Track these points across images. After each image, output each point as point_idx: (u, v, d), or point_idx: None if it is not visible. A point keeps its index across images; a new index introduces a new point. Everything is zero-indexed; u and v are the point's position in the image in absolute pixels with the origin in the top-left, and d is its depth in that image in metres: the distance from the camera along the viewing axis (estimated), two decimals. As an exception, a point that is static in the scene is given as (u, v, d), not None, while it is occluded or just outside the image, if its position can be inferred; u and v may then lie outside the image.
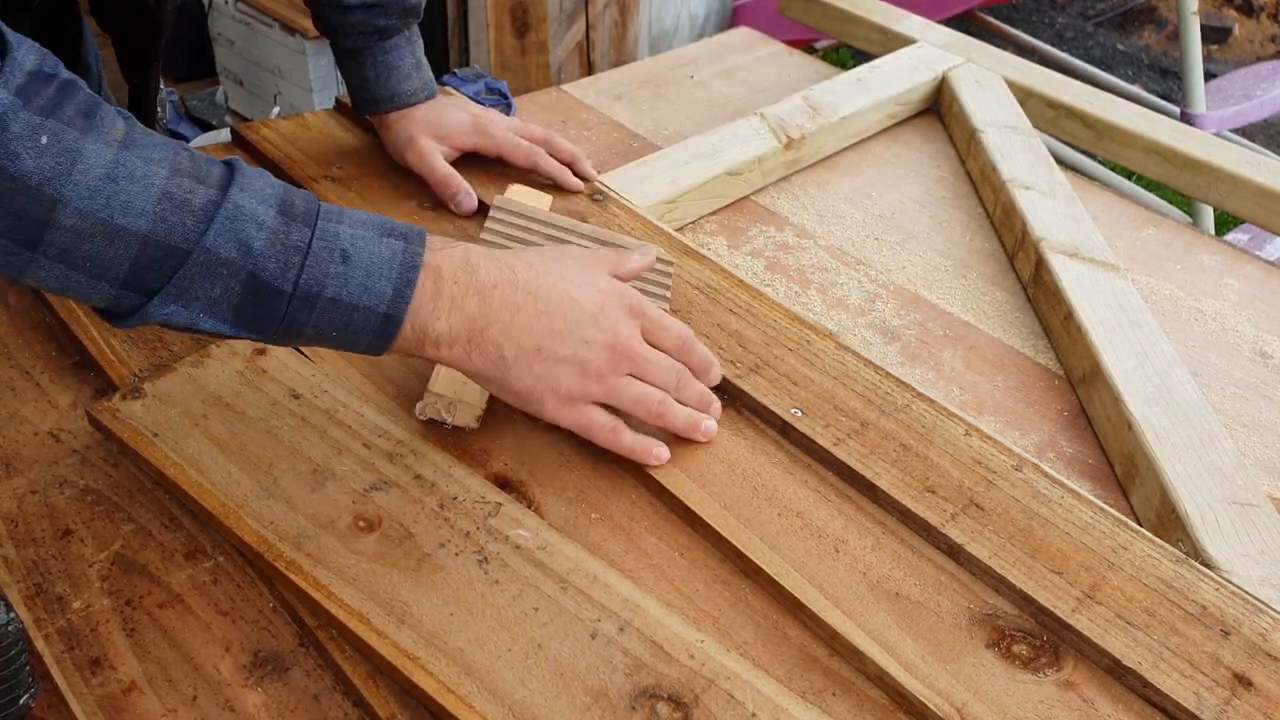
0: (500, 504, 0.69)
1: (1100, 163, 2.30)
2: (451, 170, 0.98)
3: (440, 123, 0.99)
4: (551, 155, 1.02)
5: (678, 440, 0.75)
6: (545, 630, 0.62)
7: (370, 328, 0.63)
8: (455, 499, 0.69)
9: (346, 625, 0.61)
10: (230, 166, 0.61)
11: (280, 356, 0.78)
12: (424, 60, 1.01)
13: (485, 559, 0.66)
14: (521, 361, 0.68)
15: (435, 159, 0.98)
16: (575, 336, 0.69)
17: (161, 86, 1.28)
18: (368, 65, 0.97)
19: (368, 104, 1.00)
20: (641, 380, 0.73)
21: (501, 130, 1.01)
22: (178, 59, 2.72)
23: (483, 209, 0.95)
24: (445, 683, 0.59)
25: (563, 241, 0.85)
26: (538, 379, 0.69)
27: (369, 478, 0.70)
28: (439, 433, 0.75)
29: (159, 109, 1.29)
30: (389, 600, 0.63)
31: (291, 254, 0.60)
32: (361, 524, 0.67)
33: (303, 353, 0.79)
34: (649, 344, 0.73)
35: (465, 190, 0.97)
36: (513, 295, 0.68)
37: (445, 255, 0.66)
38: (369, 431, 0.74)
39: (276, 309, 0.60)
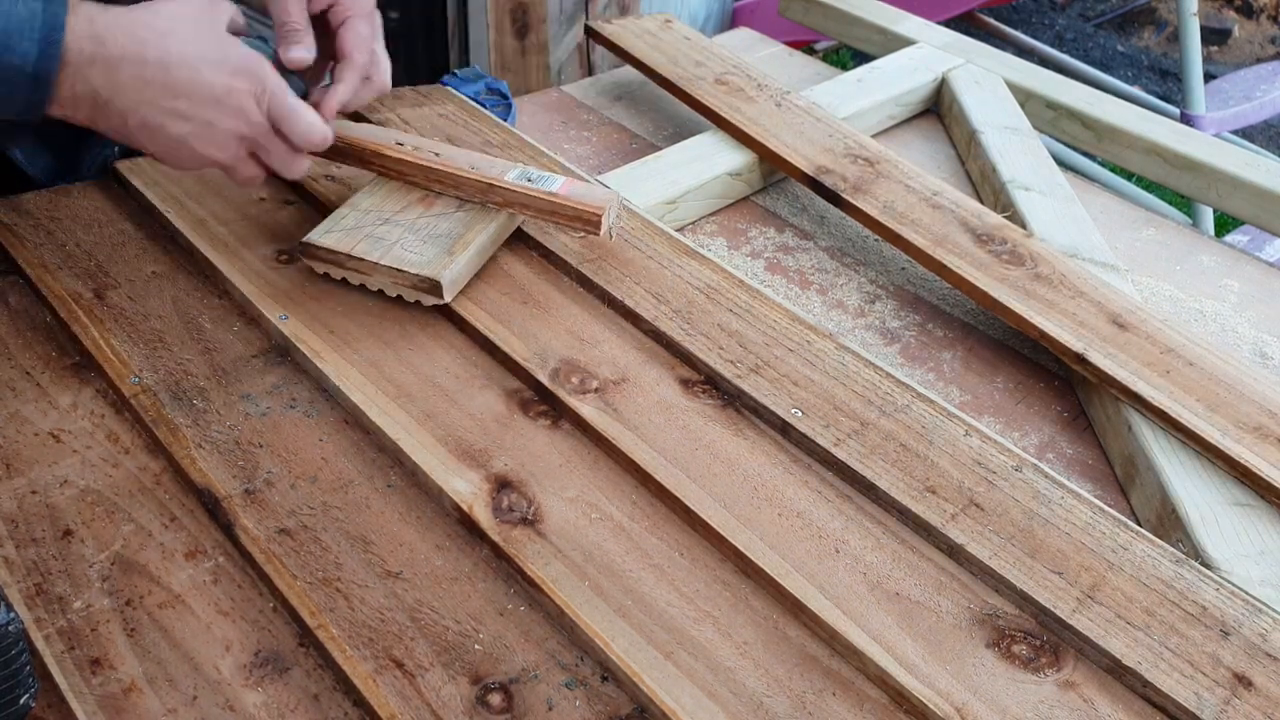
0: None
1: (1100, 164, 2.30)
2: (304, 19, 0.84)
3: None
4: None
5: (679, 441, 0.75)
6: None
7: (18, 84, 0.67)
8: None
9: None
10: None
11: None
12: None
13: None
14: (145, 133, 0.75)
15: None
16: (199, 118, 0.75)
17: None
18: None
19: None
20: (258, 162, 0.79)
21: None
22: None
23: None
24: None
25: None
26: (161, 149, 0.76)
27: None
28: (437, 433, 0.75)
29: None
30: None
31: None
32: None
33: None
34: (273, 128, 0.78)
35: (307, 45, 0.84)
36: (141, 71, 0.72)
37: (74, 20, 0.69)
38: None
39: None
